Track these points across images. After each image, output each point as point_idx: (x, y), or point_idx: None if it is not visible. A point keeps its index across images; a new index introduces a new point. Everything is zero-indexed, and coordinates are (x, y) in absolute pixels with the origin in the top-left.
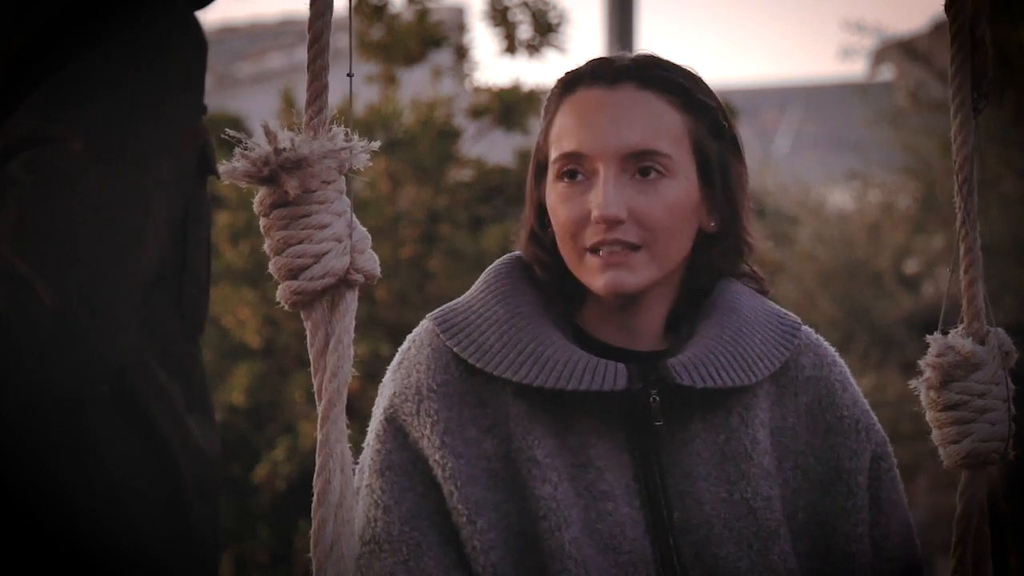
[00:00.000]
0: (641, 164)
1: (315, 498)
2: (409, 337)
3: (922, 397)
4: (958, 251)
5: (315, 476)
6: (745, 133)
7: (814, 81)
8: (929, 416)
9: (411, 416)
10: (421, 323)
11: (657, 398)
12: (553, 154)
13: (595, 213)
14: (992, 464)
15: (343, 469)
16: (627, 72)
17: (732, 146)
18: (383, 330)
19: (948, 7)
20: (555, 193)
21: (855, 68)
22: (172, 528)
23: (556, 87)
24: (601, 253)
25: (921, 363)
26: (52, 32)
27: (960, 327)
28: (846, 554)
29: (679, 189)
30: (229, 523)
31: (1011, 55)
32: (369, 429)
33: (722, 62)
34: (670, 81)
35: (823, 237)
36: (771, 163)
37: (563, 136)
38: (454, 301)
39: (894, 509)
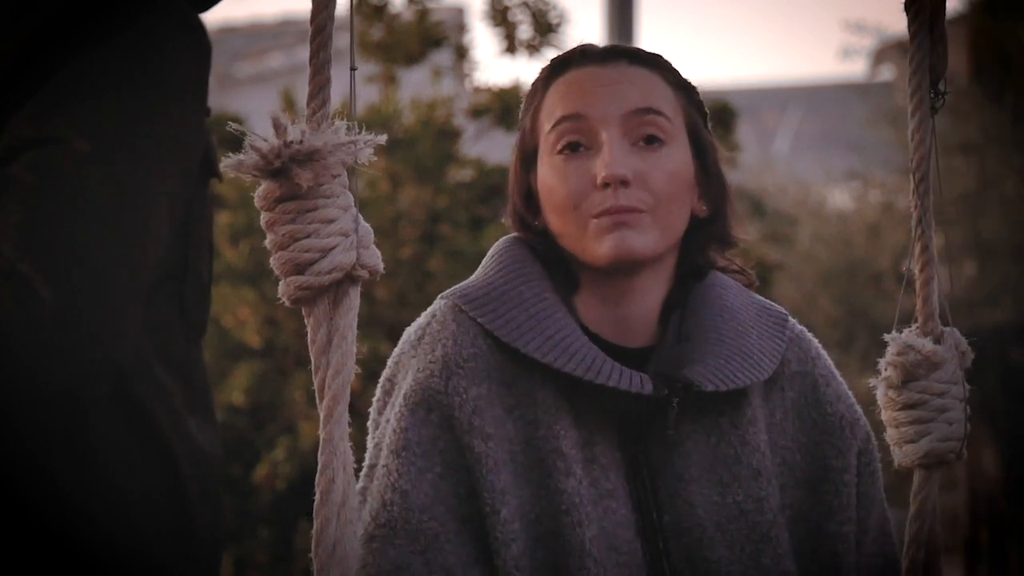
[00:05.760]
0: (644, 128)
1: (317, 498)
2: (426, 314)
3: (879, 396)
4: (913, 250)
5: (318, 475)
6: (745, 133)
7: (814, 81)
8: (885, 416)
9: (439, 393)
10: (435, 303)
11: (676, 406)
12: (547, 127)
13: (602, 174)
14: (947, 464)
15: (346, 468)
16: (616, 51)
17: (712, 139)
18: (383, 329)
19: (908, 6)
20: (551, 169)
21: (855, 68)
22: (173, 530)
23: (540, 75)
24: (608, 216)
25: (880, 362)
26: (54, 31)
27: (914, 326)
28: (832, 553)
29: (679, 158)
30: (229, 523)
31: (1012, 55)
32: (387, 410)
33: (722, 62)
34: (659, 60)
35: (823, 237)
36: (771, 163)
37: (557, 106)
38: (466, 281)
39: (873, 504)
